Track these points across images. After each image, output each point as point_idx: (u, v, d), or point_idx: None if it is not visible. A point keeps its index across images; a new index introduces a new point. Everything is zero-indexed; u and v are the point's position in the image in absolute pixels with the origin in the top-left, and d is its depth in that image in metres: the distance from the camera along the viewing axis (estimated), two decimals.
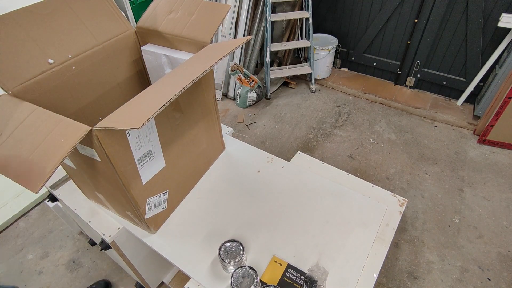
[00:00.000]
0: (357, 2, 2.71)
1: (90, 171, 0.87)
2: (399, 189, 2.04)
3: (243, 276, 0.82)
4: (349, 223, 1.01)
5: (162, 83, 0.73)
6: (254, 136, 2.50)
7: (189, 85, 0.64)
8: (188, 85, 0.64)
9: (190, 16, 0.97)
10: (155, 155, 0.86)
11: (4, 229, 1.90)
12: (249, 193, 1.11)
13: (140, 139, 0.78)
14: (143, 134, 0.79)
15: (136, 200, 0.85)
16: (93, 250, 1.77)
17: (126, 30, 1.04)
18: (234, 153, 1.26)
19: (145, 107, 0.62)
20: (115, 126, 0.58)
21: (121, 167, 0.75)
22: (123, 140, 0.73)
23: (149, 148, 0.82)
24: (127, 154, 0.76)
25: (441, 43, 2.52)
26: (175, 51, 1.03)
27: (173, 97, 0.61)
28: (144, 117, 0.56)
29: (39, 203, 2.02)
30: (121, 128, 0.58)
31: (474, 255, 1.69)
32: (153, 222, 0.98)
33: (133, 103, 0.66)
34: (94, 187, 0.96)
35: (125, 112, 0.64)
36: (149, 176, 0.87)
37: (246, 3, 2.57)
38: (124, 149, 0.75)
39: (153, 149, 0.84)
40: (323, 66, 2.93)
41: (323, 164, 1.24)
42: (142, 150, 0.80)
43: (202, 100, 1.00)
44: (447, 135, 2.43)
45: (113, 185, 0.82)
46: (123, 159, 0.75)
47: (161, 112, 0.82)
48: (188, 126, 0.97)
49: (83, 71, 0.93)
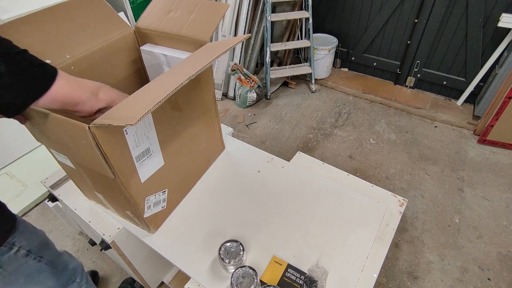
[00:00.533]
0: (357, 2, 2.71)
1: (87, 171, 0.87)
2: (399, 189, 2.04)
3: (243, 276, 0.82)
4: (349, 223, 1.01)
5: (158, 80, 0.73)
6: (254, 136, 2.50)
7: (186, 82, 0.64)
8: (185, 82, 0.64)
9: (189, 15, 0.96)
10: (153, 153, 0.86)
11: None
12: (249, 193, 1.11)
13: (138, 137, 0.78)
14: (141, 132, 0.78)
15: (135, 198, 0.85)
16: (93, 250, 1.77)
17: (125, 30, 1.04)
18: (234, 153, 1.26)
19: (140, 104, 0.61)
20: (110, 123, 0.58)
21: (119, 165, 0.75)
22: (121, 138, 0.73)
23: (147, 146, 0.82)
24: (125, 152, 0.76)
25: (441, 43, 2.52)
26: (174, 51, 1.03)
27: (169, 94, 0.61)
28: (139, 113, 0.56)
29: (39, 203, 2.02)
30: (117, 125, 0.57)
31: (474, 255, 1.69)
32: (152, 222, 0.97)
33: (129, 101, 0.66)
34: (93, 187, 0.96)
35: (120, 109, 0.64)
36: (147, 174, 0.87)
37: (246, 3, 2.57)
38: (122, 147, 0.74)
39: (151, 147, 0.84)
40: (323, 66, 2.93)
41: (323, 164, 1.24)
42: (140, 148, 0.80)
43: (201, 98, 1.00)
44: (447, 135, 2.43)
45: (111, 184, 0.82)
46: (120, 157, 0.75)
47: (159, 110, 0.82)
48: (187, 125, 0.97)
49: (82, 71, 0.93)
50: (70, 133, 0.69)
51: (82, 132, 0.64)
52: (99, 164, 0.73)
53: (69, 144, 0.74)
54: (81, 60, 0.92)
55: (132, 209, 0.90)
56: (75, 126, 0.65)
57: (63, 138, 0.73)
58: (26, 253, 0.81)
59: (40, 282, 0.86)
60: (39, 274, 0.85)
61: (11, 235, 0.78)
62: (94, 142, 0.66)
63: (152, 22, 1.02)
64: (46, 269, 0.88)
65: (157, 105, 0.58)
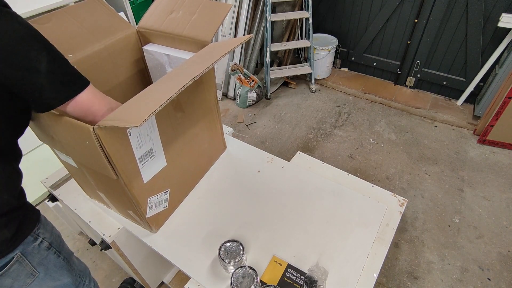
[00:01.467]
0: (357, 2, 2.71)
1: (89, 171, 0.87)
2: (399, 189, 2.04)
3: (243, 276, 0.82)
4: (349, 223, 1.01)
5: (162, 82, 0.73)
6: (254, 136, 2.50)
7: (189, 83, 0.65)
8: (188, 83, 0.64)
9: (191, 16, 0.97)
10: (156, 154, 0.86)
11: None
12: (249, 193, 1.11)
13: (141, 138, 0.78)
14: (144, 133, 0.79)
15: (137, 199, 0.85)
16: (93, 250, 1.77)
17: (128, 30, 1.04)
18: (234, 153, 1.26)
19: (145, 106, 0.62)
20: (115, 124, 0.59)
21: (122, 166, 0.75)
22: (124, 139, 0.73)
23: (150, 147, 0.83)
24: (128, 153, 0.76)
25: (441, 43, 2.52)
26: (176, 51, 1.04)
27: (173, 95, 0.61)
28: (144, 115, 0.57)
29: (39, 203, 2.02)
30: (122, 126, 0.58)
31: (474, 255, 1.69)
32: (154, 221, 0.98)
33: (133, 102, 0.67)
34: (95, 186, 0.96)
35: (125, 110, 0.64)
36: (150, 175, 0.87)
37: (246, 3, 2.57)
38: (125, 148, 0.75)
39: (154, 147, 0.84)
40: (323, 66, 2.93)
41: (323, 164, 1.24)
42: (143, 149, 0.80)
43: (204, 99, 1.00)
44: (447, 135, 2.43)
45: (114, 184, 0.82)
46: (124, 158, 0.75)
47: (162, 111, 0.82)
48: (189, 125, 0.97)
49: (84, 70, 0.93)
50: (74, 134, 0.69)
51: (87, 134, 0.65)
52: (102, 165, 0.73)
53: (72, 144, 0.75)
54: (84, 59, 0.93)
55: (134, 209, 0.90)
56: (80, 127, 0.65)
57: (67, 138, 0.74)
58: (48, 246, 0.81)
59: (57, 278, 0.86)
60: (57, 270, 0.85)
61: (36, 225, 0.79)
62: (98, 143, 0.66)
63: (154, 22, 1.02)
64: (64, 266, 0.87)
65: (161, 106, 0.59)
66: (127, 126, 0.57)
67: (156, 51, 1.04)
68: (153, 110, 0.58)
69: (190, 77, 0.65)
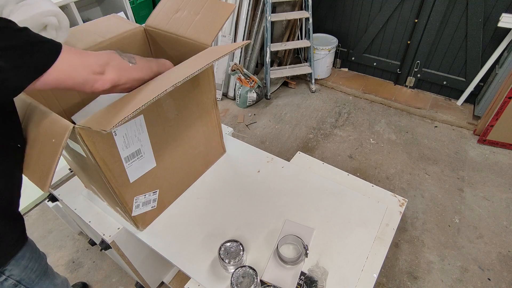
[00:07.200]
0: (357, 2, 2.71)
1: (81, 164, 0.88)
2: (399, 189, 2.04)
3: (243, 276, 0.82)
4: (349, 223, 1.01)
5: (152, 83, 0.74)
6: (254, 136, 2.50)
7: (170, 89, 0.64)
8: (168, 89, 0.63)
9: (195, 16, 0.97)
10: (144, 155, 0.86)
11: None
12: (249, 193, 1.11)
13: (128, 139, 0.78)
14: (131, 133, 0.78)
15: (123, 197, 0.86)
16: (93, 250, 1.77)
17: (134, 28, 1.05)
18: (234, 153, 1.26)
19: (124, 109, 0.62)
20: (90, 127, 0.59)
21: (105, 165, 0.75)
22: (109, 138, 0.73)
23: (137, 148, 0.82)
24: (113, 153, 0.76)
25: (441, 43, 2.52)
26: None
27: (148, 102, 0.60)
28: (114, 121, 0.57)
29: (39, 203, 2.02)
30: (95, 130, 0.59)
31: (474, 255, 1.69)
32: (141, 220, 0.98)
33: (118, 104, 0.66)
34: (87, 179, 0.96)
35: (107, 111, 0.64)
36: (137, 175, 0.87)
37: (246, 3, 2.57)
38: (110, 147, 0.75)
39: (143, 148, 0.84)
40: (323, 66, 2.93)
41: (323, 164, 1.24)
42: (130, 149, 0.80)
43: (200, 101, 0.99)
44: (447, 135, 2.43)
45: (100, 180, 0.83)
46: (108, 157, 0.75)
47: (153, 113, 0.83)
48: (183, 128, 0.97)
49: None
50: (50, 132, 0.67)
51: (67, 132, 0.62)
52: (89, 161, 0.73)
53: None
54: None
55: (120, 206, 0.91)
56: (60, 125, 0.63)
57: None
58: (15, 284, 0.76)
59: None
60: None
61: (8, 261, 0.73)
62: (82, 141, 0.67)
63: (160, 21, 1.03)
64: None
65: (135, 112, 0.59)
66: (98, 130, 0.58)
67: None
68: (125, 116, 0.57)
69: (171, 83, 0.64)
